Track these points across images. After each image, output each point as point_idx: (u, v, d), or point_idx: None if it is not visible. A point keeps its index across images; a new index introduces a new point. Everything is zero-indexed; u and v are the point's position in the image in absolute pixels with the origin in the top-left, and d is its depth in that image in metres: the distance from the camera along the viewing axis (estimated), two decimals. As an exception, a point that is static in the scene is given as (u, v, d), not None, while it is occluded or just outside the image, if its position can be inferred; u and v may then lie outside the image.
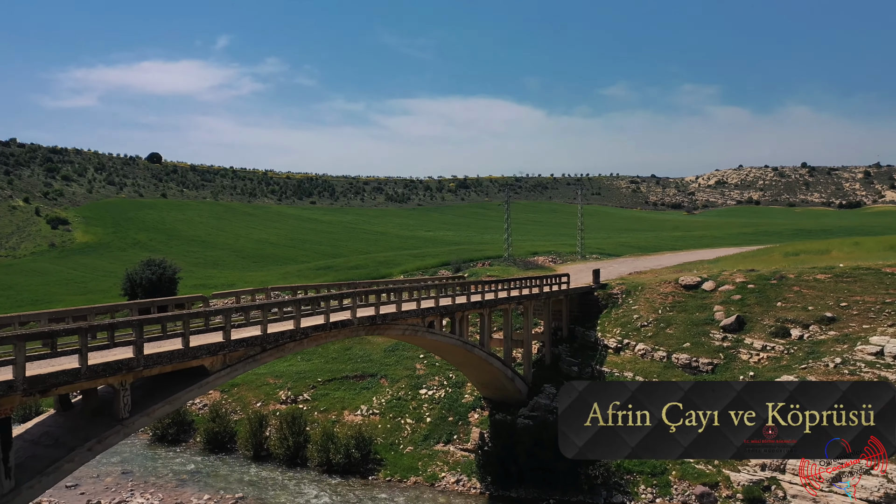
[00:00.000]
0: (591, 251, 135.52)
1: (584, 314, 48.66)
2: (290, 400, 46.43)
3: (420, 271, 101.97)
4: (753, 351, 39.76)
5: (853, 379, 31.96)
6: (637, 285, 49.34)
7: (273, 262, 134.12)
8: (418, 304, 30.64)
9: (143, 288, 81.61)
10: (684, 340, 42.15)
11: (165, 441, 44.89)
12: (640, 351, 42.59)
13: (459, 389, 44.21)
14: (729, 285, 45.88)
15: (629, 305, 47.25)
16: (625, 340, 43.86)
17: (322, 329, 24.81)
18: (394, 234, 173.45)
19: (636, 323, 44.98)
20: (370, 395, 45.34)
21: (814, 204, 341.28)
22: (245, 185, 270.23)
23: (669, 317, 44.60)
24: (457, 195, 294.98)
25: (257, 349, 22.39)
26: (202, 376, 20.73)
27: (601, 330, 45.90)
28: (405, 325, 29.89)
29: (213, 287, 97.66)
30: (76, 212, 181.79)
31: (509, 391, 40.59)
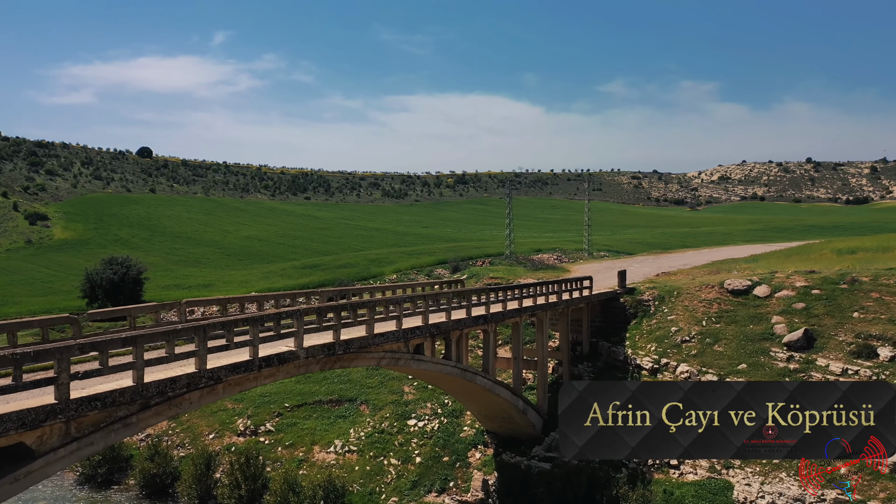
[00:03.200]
0: (598, 248, 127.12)
1: (608, 325, 40.13)
2: (250, 431, 37.86)
3: (415, 270, 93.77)
4: (830, 375, 31.18)
5: None
6: (671, 290, 40.79)
7: (260, 259, 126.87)
8: (399, 322, 22.06)
9: (103, 289, 73.10)
10: (738, 360, 33.60)
11: (94, 482, 36.34)
12: (683, 374, 34.01)
13: (457, 419, 35.72)
14: (788, 290, 37.30)
15: (664, 315, 38.67)
16: (662, 360, 35.26)
17: (246, 369, 16.26)
18: (389, 231, 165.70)
19: (675, 337, 36.38)
20: (347, 426, 36.79)
21: (820, 200, 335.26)
22: (238, 181, 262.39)
23: (716, 330, 36.02)
24: (455, 191, 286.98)
25: (130, 408, 13.87)
26: (22, 461, 12.23)
27: (631, 345, 37.32)
28: (380, 352, 21.36)
29: (186, 288, 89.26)
30: (57, 207, 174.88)
31: (520, 425, 32.09)
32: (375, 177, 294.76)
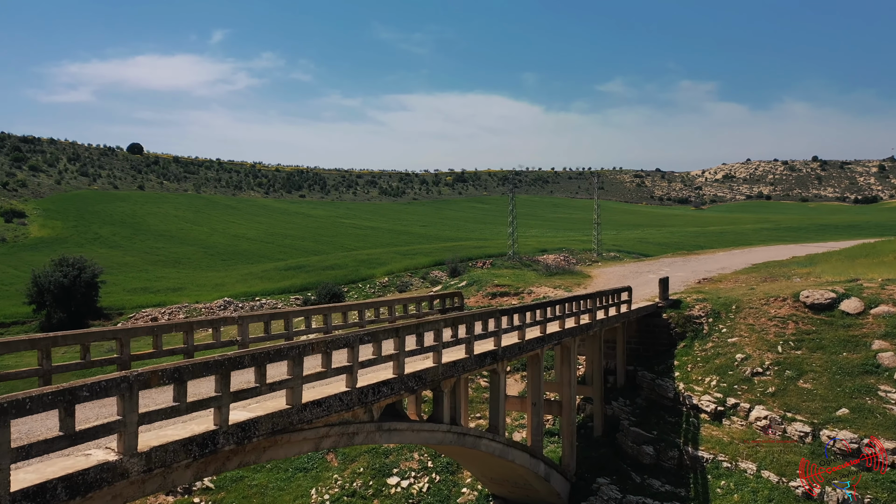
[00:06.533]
0: (607, 248, 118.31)
1: (646, 348, 31.21)
2: (182, 488, 28.94)
3: (409, 272, 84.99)
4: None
5: None
6: (727, 302, 31.84)
7: (244, 259, 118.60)
8: (352, 378, 12.87)
9: (52, 294, 64.17)
10: (835, 402, 24.69)
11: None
12: (760, 420, 25.07)
13: (453, 476, 26.86)
14: (888, 306, 28.36)
15: (723, 336, 29.71)
16: (728, 399, 26.28)
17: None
18: (385, 230, 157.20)
19: (743, 368, 27.41)
20: (308, 485, 27.84)
21: (827, 199, 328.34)
22: (231, 178, 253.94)
23: (798, 358, 27.09)
24: (454, 189, 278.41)
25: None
26: None
27: (682, 377, 28.36)
28: (319, 429, 12.36)
29: (154, 292, 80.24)
30: (37, 204, 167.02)
31: (539, 493, 23.20)
32: (373, 174, 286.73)
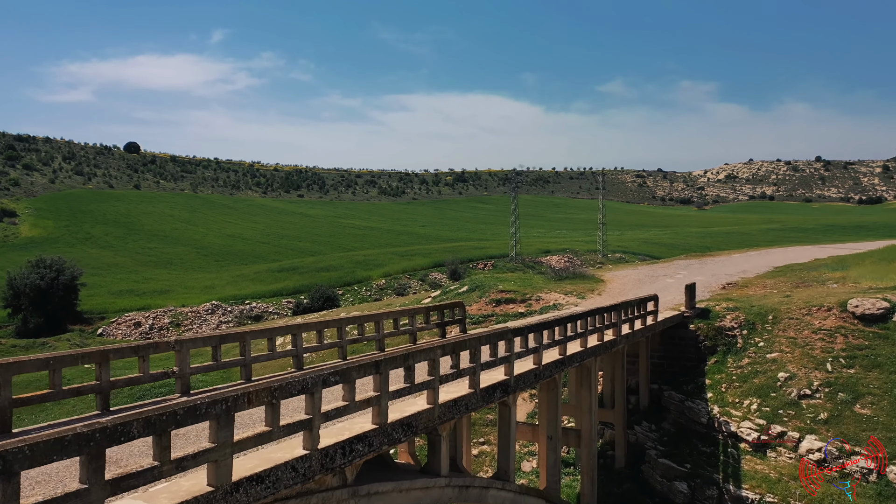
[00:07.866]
0: (612, 249, 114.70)
1: (672, 363, 27.59)
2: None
3: (407, 274, 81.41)
4: None
5: None
6: (762, 312, 28.21)
7: (238, 260, 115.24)
8: (312, 437, 9.10)
9: (28, 297, 60.61)
10: (900, 432, 21.09)
11: None
12: (812, 452, 21.42)
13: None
14: (951, 317, 24.79)
15: (760, 351, 26.07)
16: (772, 427, 22.64)
17: None
18: (384, 230, 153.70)
19: (787, 390, 23.77)
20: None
21: (831, 199, 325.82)
22: (229, 177, 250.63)
23: (851, 378, 23.46)
24: (454, 189, 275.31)
25: None
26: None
27: (716, 398, 24.70)
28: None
29: (140, 294, 76.55)
30: (29, 203, 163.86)
31: (554, 540, 19.58)
32: (372, 174, 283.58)
